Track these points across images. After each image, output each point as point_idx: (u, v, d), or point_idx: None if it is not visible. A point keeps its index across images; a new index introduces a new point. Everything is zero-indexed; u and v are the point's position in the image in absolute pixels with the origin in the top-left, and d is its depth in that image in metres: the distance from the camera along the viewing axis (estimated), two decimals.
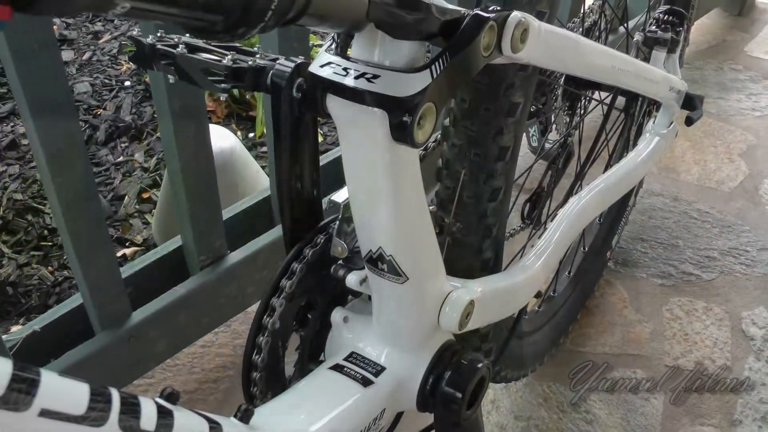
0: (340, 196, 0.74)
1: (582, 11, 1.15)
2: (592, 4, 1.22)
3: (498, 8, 0.64)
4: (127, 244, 1.80)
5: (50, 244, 1.79)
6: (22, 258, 1.75)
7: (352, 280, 0.74)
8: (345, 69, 0.57)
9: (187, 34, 0.72)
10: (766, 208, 1.84)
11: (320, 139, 2.08)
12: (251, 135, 2.16)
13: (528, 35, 0.66)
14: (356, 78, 0.56)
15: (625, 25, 1.18)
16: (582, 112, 1.23)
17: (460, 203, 0.84)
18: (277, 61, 0.67)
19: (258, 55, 0.70)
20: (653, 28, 1.19)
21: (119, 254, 1.75)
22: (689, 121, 1.21)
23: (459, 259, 0.89)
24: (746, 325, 1.53)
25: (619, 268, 1.66)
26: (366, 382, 0.73)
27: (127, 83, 2.36)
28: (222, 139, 1.61)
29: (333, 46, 0.61)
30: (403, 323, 0.75)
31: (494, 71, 0.76)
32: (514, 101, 0.79)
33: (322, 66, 0.59)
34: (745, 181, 1.93)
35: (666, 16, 1.20)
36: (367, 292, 0.76)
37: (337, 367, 0.75)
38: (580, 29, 1.15)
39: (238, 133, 2.15)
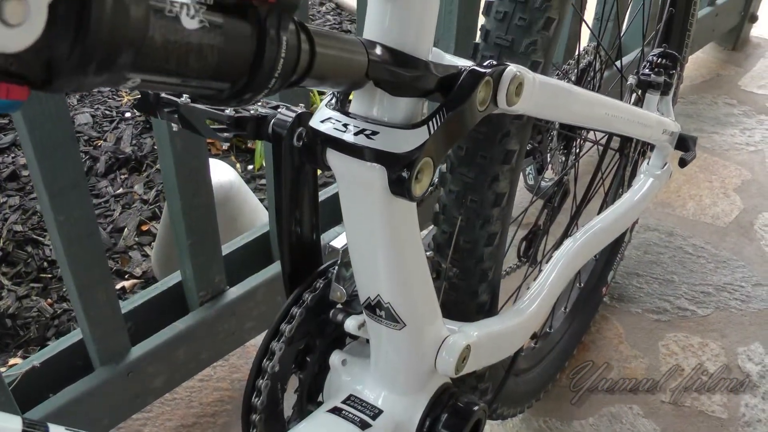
0: (339, 241, 0.75)
1: (577, 53, 1.17)
2: (587, 45, 1.24)
3: (494, 62, 0.66)
4: (126, 276, 1.81)
5: (50, 276, 1.80)
6: (22, 290, 1.76)
7: (350, 324, 0.76)
8: (345, 125, 0.59)
9: None
10: (761, 243, 1.85)
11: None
12: (250, 167, 2.18)
13: (523, 88, 0.67)
14: (356, 134, 0.58)
15: (619, 66, 1.21)
16: (578, 151, 1.25)
17: (456, 248, 0.86)
18: (279, 110, 0.69)
19: (260, 104, 0.72)
20: (647, 71, 1.21)
21: (118, 287, 1.76)
22: (683, 163, 1.23)
23: (455, 302, 0.90)
24: (742, 361, 1.54)
25: (615, 303, 1.67)
26: (364, 425, 0.74)
27: (128, 114, 2.38)
28: (221, 173, 1.62)
29: (333, 101, 0.63)
30: (400, 367, 0.76)
31: (490, 120, 0.78)
32: (509, 149, 0.80)
33: (322, 121, 0.60)
34: (740, 216, 1.94)
35: (659, 59, 1.22)
36: (365, 337, 0.77)
37: (336, 410, 0.76)
38: (576, 70, 1.17)
39: (237, 165, 2.17)
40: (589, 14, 1.98)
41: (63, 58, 0.33)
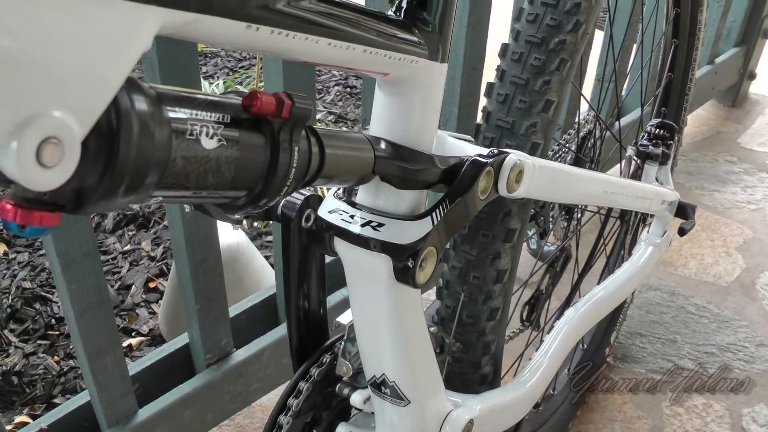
0: (345, 317, 0.78)
1: (577, 123, 1.20)
2: (586, 114, 1.27)
3: (495, 151, 0.68)
4: (133, 333, 1.83)
5: (57, 333, 1.82)
6: (29, 347, 1.77)
7: (356, 399, 0.78)
8: (351, 216, 0.62)
9: None
10: (763, 302, 1.86)
11: None
12: (256, 224, 2.20)
13: (523, 176, 0.70)
14: (362, 225, 0.61)
15: (619, 134, 1.23)
16: (579, 217, 1.28)
17: (459, 323, 0.88)
18: None
19: None
20: (645, 142, 1.24)
21: (125, 344, 1.77)
22: (682, 232, 1.25)
23: (459, 373, 0.92)
24: (747, 423, 1.54)
25: (618, 363, 1.68)
26: None
27: None
28: (228, 234, 1.65)
29: (340, 191, 0.65)
30: None
31: (493, 200, 0.81)
32: (511, 227, 0.83)
33: (330, 211, 0.63)
34: (741, 275, 1.96)
35: (657, 130, 1.25)
36: (370, 410, 0.79)
37: None
38: (576, 139, 1.20)
39: (244, 222, 2.19)
40: (591, 70, 2.02)
41: (93, 187, 0.35)
